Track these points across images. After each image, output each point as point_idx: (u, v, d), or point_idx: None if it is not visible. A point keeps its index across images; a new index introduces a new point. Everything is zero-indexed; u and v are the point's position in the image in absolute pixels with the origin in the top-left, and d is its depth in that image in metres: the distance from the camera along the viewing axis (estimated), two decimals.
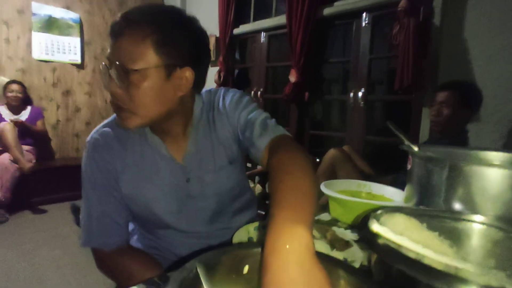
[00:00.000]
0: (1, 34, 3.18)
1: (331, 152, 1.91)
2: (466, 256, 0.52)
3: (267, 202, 2.21)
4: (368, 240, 0.43)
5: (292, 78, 2.46)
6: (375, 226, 0.43)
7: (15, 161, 2.76)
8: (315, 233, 0.77)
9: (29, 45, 3.32)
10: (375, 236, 0.43)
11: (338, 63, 2.61)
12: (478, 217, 0.55)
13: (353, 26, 2.29)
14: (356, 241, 0.76)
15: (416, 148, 0.77)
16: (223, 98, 0.82)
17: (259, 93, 3.01)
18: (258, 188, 2.37)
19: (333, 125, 2.88)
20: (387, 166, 2.05)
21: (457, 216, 0.58)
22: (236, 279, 0.45)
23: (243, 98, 0.81)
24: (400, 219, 0.49)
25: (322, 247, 0.67)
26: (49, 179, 3.20)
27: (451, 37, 1.79)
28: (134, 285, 0.56)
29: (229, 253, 0.45)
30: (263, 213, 1.84)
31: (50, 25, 3.39)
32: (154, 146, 0.76)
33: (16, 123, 2.89)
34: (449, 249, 0.47)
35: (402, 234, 0.48)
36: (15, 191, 2.76)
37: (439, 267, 0.36)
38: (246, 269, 0.47)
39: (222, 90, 0.85)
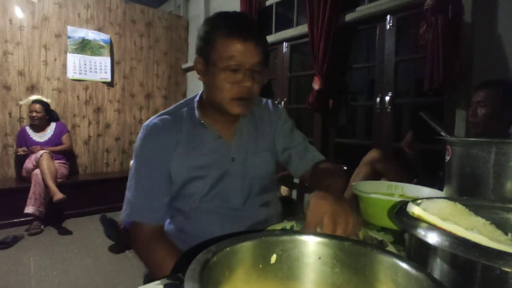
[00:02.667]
0: (40, 57, 3.42)
1: (372, 154, 1.77)
2: None
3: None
4: (408, 224, 0.38)
5: (316, 85, 2.43)
6: (416, 209, 0.38)
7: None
8: None
9: (64, 65, 3.55)
10: (416, 220, 0.38)
11: (363, 69, 2.55)
12: None
13: (377, 30, 2.24)
14: (391, 243, 0.70)
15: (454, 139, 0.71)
16: (272, 104, 1.00)
17: (282, 103, 3.00)
18: (284, 190, 2.34)
19: (359, 133, 2.79)
20: (420, 175, 1.92)
21: (510, 207, 0.52)
22: (263, 268, 0.42)
23: (290, 121, 1.01)
24: (444, 204, 0.44)
25: None
26: (80, 193, 3.32)
27: (484, 33, 1.70)
28: (160, 275, 0.63)
29: (256, 239, 0.42)
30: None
31: (84, 46, 3.62)
32: (206, 127, 0.87)
33: (24, 151, 3.04)
34: (503, 237, 0.41)
35: (448, 220, 0.43)
36: (49, 205, 2.87)
37: None
38: (273, 258, 0.43)
39: (265, 99, 1.02)
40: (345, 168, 2.10)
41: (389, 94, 2.15)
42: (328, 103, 2.46)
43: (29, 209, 2.78)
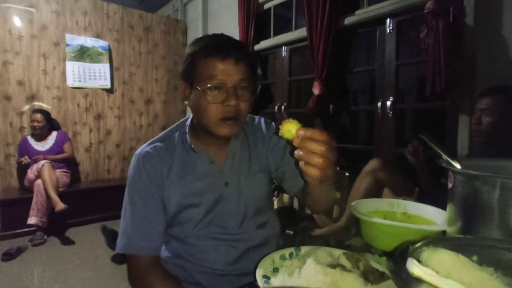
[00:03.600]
0: (40, 66, 3.42)
1: (373, 163, 1.73)
2: None
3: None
4: (407, 285, 0.36)
5: (316, 90, 2.40)
6: (416, 270, 0.36)
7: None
8: (346, 263, 0.69)
9: (63, 73, 3.54)
10: (416, 281, 0.36)
11: (364, 73, 2.51)
12: None
13: (377, 33, 2.20)
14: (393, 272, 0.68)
15: (457, 165, 0.68)
16: (265, 123, 0.98)
17: (283, 107, 2.97)
18: (286, 197, 2.31)
19: (361, 137, 2.75)
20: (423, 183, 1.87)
21: None
22: None
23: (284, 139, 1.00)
24: (446, 256, 0.42)
25: (355, 281, 0.59)
26: (82, 201, 3.32)
27: (487, 36, 1.65)
28: None
29: None
30: (291, 232, 1.76)
31: (82, 54, 3.60)
32: (198, 153, 0.85)
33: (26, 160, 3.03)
34: None
35: (449, 275, 0.41)
36: (52, 214, 2.87)
37: None
38: None
39: (258, 117, 1.00)
40: (346, 174, 2.06)
41: (390, 99, 2.11)
42: (328, 107, 2.42)
43: (32, 220, 2.78)
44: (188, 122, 0.90)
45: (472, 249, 0.51)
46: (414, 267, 0.36)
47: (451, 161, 0.70)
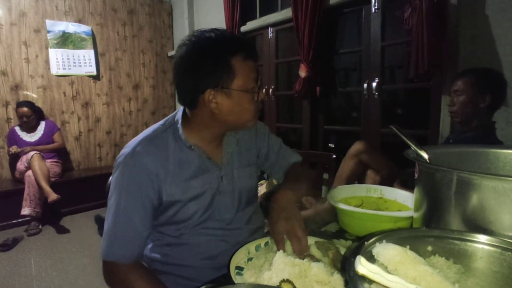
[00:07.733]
0: (21, 55, 3.32)
1: (357, 146, 1.77)
2: None
3: None
4: (352, 282, 0.38)
5: (302, 73, 2.38)
6: (360, 268, 0.38)
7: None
8: (316, 253, 0.72)
9: (47, 61, 3.45)
10: (362, 278, 0.38)
11: (351, 54, 2.48)
12: (493, 239, 0.49)
13: (362, 13, 2.16)
14: None
15: (425, 154, 0.70)
16: None
17: (270, 90, 2.95)
18: (275, 181, 2.33)
19: (349, 119, 2.76)
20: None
21: (467, 237, 0.51)
22: None
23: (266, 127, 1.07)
24: (394, 252, 0.44)
25: (321, 271, 0.62)
26: (76, 189, 3.34)
27: (471, 15, 1.64)
28: None
29: None
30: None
31: (65, 40, 3.50)
32: (196, 151, 0.84)
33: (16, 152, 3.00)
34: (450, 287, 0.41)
35: (397, 270, 0.43)
36: (45, 204, 2.89)
37: None
38: None
39: None
40: (334, 156, 2.09)
41: (376, 80, 2.11)
42: (315, 90, 2.41)
43: (25, 211, 2.81)
44: (179, 120, 0.85)
45: (427, 239, 0.53)
46: (359, 266, 0.38)
47: (418, 151, 0.71)
